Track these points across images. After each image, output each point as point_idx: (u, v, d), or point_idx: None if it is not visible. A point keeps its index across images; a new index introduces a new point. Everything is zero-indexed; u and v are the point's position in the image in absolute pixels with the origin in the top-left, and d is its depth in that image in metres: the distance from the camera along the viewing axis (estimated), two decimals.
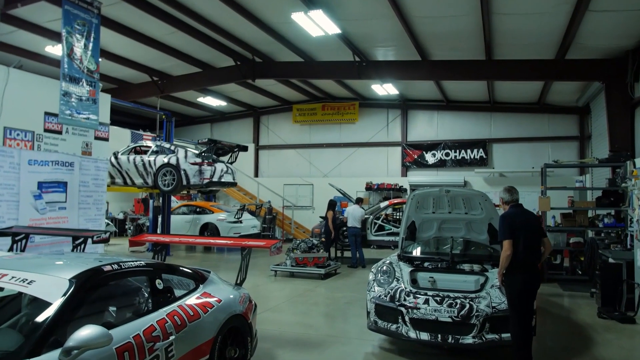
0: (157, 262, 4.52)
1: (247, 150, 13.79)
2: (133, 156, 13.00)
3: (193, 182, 12.18)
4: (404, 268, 6.32)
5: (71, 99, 8.39)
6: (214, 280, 5.11)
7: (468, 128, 19.31)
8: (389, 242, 13.86)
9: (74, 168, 10.67)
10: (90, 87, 8.82)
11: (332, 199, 13.60)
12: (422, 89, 17.94)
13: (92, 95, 8.87)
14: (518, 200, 5.31)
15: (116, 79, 16.50)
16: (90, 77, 8.83)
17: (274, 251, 5.52)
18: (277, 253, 5.64)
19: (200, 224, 16.26)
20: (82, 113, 8.68)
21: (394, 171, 20.21)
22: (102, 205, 11.34)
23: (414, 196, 6.49)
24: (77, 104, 8.51)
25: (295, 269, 11.39)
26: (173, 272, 4.63)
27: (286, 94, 20.14)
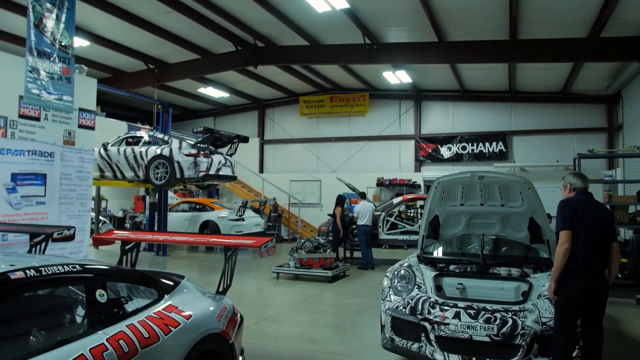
0: (100, 267, 3.45)
1: (247, 141, 12.69)
2: (124, 147, 11.97)
3: (188, 175, 11.11)
4: (426, 272, 5.18)
5: (40, 76, 7.34)
6: (186, 288, 4.00)
7: (486, 120, 18.06)
8: (402, 242, 12.68)
9: (55, 159, 9.64)
10: (63, 64, 7.77)
11: (340, 194, 12.46)
12: (437, 77, 16.73)
13: (65, 73, 7.82)
14: (588, 189, 4.17)
15: (110, 67, 15.51)
16: (64, 52, 7.77)
17: (265, 252, 4.41)
18: (269, 254, 4.52)
19: (200, 222, 15.20)
20: (54, 93, 7.63)
21: (406, 166, 19.01)
22: (88, 200, 10.30)
23: (438, 184, 5.33)
24: (47, 82, 7.47)
25: (299, 270, 10.27)
26: (125, 278, 3.52)
27: (292, 85, 19.03)
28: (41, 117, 9.13)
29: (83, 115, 10.78)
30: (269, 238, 4.52)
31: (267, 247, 4.44)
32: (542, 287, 4.61)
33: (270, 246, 4.54)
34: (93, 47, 13.21)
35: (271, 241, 4.55)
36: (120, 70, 15.72)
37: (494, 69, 14.88)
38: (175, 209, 16.02)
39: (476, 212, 5.51)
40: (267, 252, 4.48)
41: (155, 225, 14.20)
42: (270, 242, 4.49)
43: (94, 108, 10.62)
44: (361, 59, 13.02)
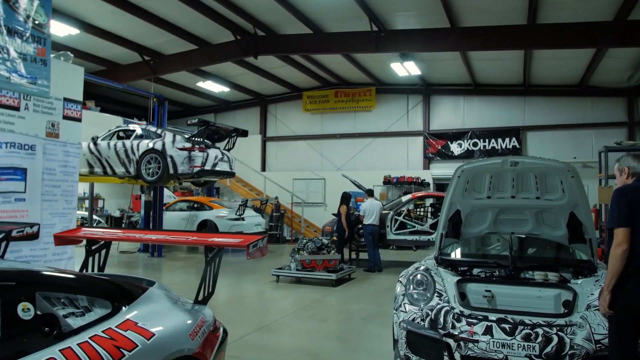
0: (30, 270, 2.70)
1: (246, 135, 11.90)
2: (114, 142, 11.22)
3: (181, 170, 10.33)
4: (447, 277, 4.38)
5: (10, 57, 6.58)
6: (153, 297, 3.21)
7: (499, 114, 17.22)
8: (411, 242, 11.87)
9: (36, 152, 8.89)
10: (38, 44, 7.00)
11: (345, 192, 11.65)
12: (448, 69, 15.90)
13: (40, 54, 7.05)
14: None
15: (103, 59, 14.79)
16: (39, 31, 7.00)
17: (255, 252, 3.62)
18: (260, 255, 3.73)
19: (198, 222, 14.45)
20: (26, 76, 6.85)
21: (414, 163, 18.19)
22: (74, 197, 9.55)
23: (462, 172, 4.50)
24: (18, 63, 6.69)
25: (301, 273, 9.48)
26: (64, 287, 2.73)
27: (295, 79, 18.26)
28: (21, 106, 8.36)
29: (68, 105, 10.01)
30: (259, 236, 3.73)
31: (256, 247, 3.65)
32: (590, 296, 3.80)
33: (261, 246, 3.75)
34: (83, 35, 12.48)
35: (262, 240, 3.75)
36: (114, 63, 15.00)
37: (508, 59, 14.04)
38: (173, 208, 15.30)
39: (506, 206, 4.68)
40: (258, 252, 3.69)
41: (150, 224, 13.48)
42: (260, 240, 3.69)
43: (80, 98, 9.87)
44: (368, 47, 12.22)
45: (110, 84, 12.36)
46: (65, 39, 12.48)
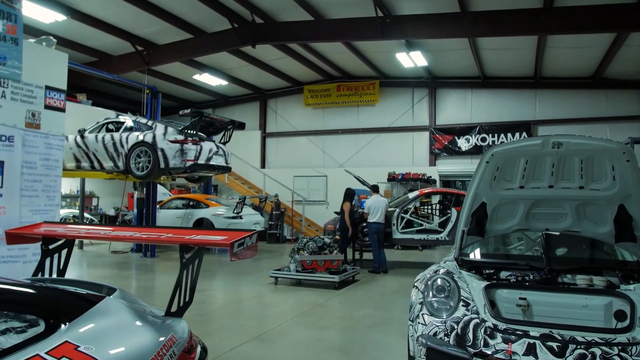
0: None
1: (244, 127, 11.23)
2: (102, 134, 10.54)
3: (173, 164, 9.65)
4: (472, 282, 3.68)
5: None
6: (108, 310, 2.50)
7: (508, 108, 16.49)
8: (418, 242, 11.16)
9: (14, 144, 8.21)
10: (8, 20, 6.31)
11: (349, 188, 10.94)
12: (455, 61, 15.18)
13: (11, 32, 6.35)
14: None
15: (94, 50, 14.11)
16: (9, 6, 6.32)
17: (240, 253, 2.93)
18: (248, 256, 3.04)
19: (194, 220, 13.77)
20: None
21: (420, 160, 17.47)
22: (56, 193, 8.88)
23: (491, 157, 3.76)
24: None
25: (301, 275, 8.77)
26: None
27: (296, 72, 17.56)
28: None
29: (51, 94, 9.33)
30: (245, 233, 3.03)
31: (243, 246, 2.96)
32: None
33: (249, 244, 3.05)
34: (71, 23, 11.78)
35: (250, 237, 3.05)
36: (105, 54, 14.32)
37: (520, 48, 13.33)
38: (168, 205, 14.63)
39: (541, 197, 3.95)
40: (245, 252, 3.00)
41: (143, 223, 12.80)
42: (248, 238, 3.00)
43: (64, 87, 9.20)
44: (372, 33, 11.49)
45: (99, 74, 11.70)
46: (51, 27, 11.77)
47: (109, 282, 8.23)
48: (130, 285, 8.81)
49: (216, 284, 9.11)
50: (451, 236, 10.58)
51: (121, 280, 9.38)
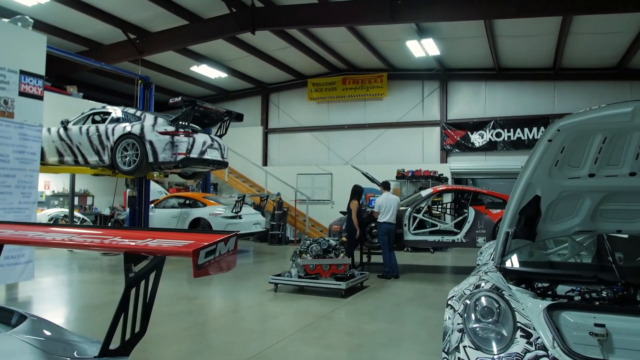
0: None
1: (241, 119, 10.33)
2: (87, 126, 9.65)
3: (162, 158, 8.75)
4: (525, 300, 2.77)
5: None
6: None
7: (525, 102, 15.50)
8: (432, 244, 10.19)
9: None
10: None
11: (357, 185, 10.00)
12: (469, 50, 14.22)
13: None
14: None
15: (84, 39, 13.26)
16: None
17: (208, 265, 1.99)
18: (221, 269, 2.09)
19: (190, 220, 12.86)
20: None
21: (431, 156, 16.51)
22: (33, 189, 8.07)
23: (558, 132, 2.78)
24: None
25: (303, 281, 7.85)
26: None
27: (299, 64, 16.65)
28: None
29: (26, 80, 8.55)
30: (219, 236, 2.09)
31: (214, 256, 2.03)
32: None
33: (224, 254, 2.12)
34: (55, 6, 10.90)
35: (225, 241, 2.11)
36: (96, 42, 13.46)
37: (540, 35, 12.35)
38: (164, 204, 13.74)
39: (617, 188, 3.01)
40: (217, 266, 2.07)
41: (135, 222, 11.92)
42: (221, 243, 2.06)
43: (42, 72, 8.35)
44: (381, 16, 10.54)
45: (86, 61, 10.85)
46: (34, 10, 10.88)
47: (86, 288, 7.06)
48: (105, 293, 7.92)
49: (208, 291, 8.20)
50: (468, 238, 9.63)
51: (98, 285, 8.49)
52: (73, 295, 7.89)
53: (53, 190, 16.76)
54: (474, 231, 9.62)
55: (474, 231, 9.62)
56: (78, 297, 7.77)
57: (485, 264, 3.57)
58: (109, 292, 7.83)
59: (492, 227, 9.48)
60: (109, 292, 7.89)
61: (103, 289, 8.25)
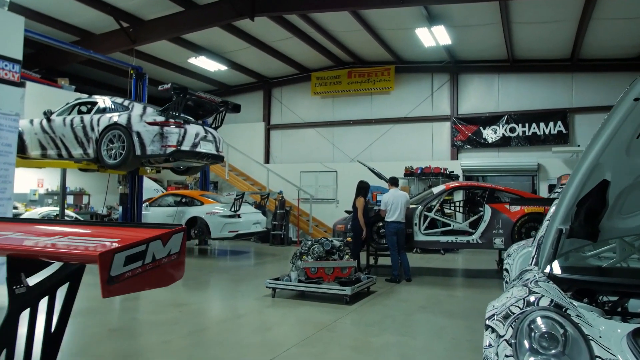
0: None
1: (239, 110, 9.59)
2: (71, 117, 8.94)
3: (151, 151, 8.02)
4: (596, 322, 1.98)
5: None
6: None
7: (541, 95, 14.68)
8: (445, 245, 9.40)
9: None
10: None
11: (363, 181, 9.23)
12: (482, 40, 13.43)
13: None
14: None
15: (76, 28, 12.58)
16: None
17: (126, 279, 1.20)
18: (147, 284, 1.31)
19: (186, 219, 12.12)
20: None
21: (441, 153, 15.71)
22: (9, 184, 7.38)
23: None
24: None
25: (304, 285, 7.09)
26: None
27: (303, 57, 15.91)
28: None
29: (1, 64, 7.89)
30: (154, 232, 1.30)
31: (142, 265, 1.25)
32: None
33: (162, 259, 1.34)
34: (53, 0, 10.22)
35: (164, 239, 1.33)
36: (87, 32, 12.78)
37: (560, 21, 11.55)
38: (159, 203, 13.02)
39: None
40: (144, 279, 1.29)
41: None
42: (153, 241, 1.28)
43: (19, 56, 7.67)
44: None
45: (75, 49, 10.14)
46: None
47: (82, 287, 5.93)
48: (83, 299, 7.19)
49: (201, 295, 7.45)
50: (484, 238, 8.84)
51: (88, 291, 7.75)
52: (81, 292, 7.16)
53: (47, 188, 16.06)
54: (490, 231, 8.83)
55: (491, 231, 8.82)
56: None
57: (528, 270, 2.79)
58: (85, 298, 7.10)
59: (510, 226, 8.68)
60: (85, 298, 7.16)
61: None
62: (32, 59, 13.99)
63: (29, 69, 13.20)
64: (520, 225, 8.69)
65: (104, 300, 7.02)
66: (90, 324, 5.75)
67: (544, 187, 14.03)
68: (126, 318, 5.88)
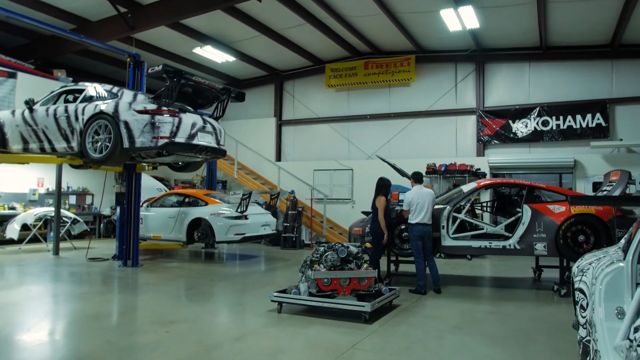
0: None
1: (243, 99, 8.55)
2: (55, 106, 7.98)
3: (141, 143, 7.02)
4: None
5: None
6: None
7: (577, 85, 13.38)
8: (478, 251, 8.19)
9: None
10: None
11: (383, 178, 8.09)
12: (512, 23, 12.21)
13: None
14: None
15: (71, 14, 11.71)
16: None
17: None
18: None
19: (188, 220, 11.13)
20: None
21: (465, 149, 14.50)
22: None
23: None
24: None
25: (315, 300, 6.01)
26: None
27: (316, 47, 14.86)
28: None
29: None
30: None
31: None
32: None
33: None
34: None
35: None
36: (83, 19, 11.88)
37: (598, 4, 10.29)
38: (161, 203, 12.06)
39: None
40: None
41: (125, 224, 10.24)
42: None
43: None
44: None
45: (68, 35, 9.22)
46: None
47: (57, 301, 4.75)
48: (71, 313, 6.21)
49: (195, 310, 6.41)
50: (524, 244, 7.65)
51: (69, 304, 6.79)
52: (60, 307, 6.18)
53: (47, 188, 15.24)
54: (530, 235, 7.63)
55: (531, 235, 7.63)
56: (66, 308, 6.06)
57: None
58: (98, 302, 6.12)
59: (554, 230, 7.49)
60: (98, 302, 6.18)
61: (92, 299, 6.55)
62: (26, 50, 13.19)
63: (24, 60, 12.38)
64: (565, 229, 7.49)
65: (82, 316, 6.03)
66: (59, 347, 4.76)
67: (582, 186, 12.74)
68: (99, 341, 4.86)
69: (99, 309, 6.35)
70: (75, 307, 6.49)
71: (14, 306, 6.39)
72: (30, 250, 12.42)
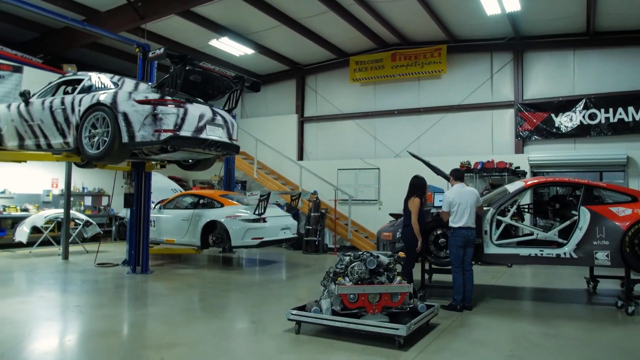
0: None
1: (258, 89, 7.67)
2: (52, 98, 7.24)
3: (141, 137, 6.19)
4: None
5: None
6: None
7: (629, 73, 12.09)
8: (526, 260, 7.08)
9: None
10: None
11: (418, 176, 7.08)
12: (555, 9, 11.07)
13: None
14: None
15: (80, 5, 11.04)
16: None
17: None
18: None
19: (203, 223, 10.32)
20: None
21: (502, 145, 13.34)
22: None
23: None
24: None
25: (339, 319, 5.06)
26: None
27: (340, 38, 13.94)
28: None
29: None
30: None
31: None
32: None
33: None
34: None
35: None
36: (93, 10, 11.21)
37: None
38: (175, 204, 11.32)
39: None
40: None
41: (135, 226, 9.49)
42: None
43: None
44: None
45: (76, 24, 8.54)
46: None
47: (45, 316, 3.61)
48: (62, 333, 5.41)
49: (199, 330, 5.53)
50: (582, 252, 6.56)
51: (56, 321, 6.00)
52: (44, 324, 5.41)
53: (62, 189, 14.68)
54: (590, 242, 6.53)
55: (591, 242, 6.53)
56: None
57: None
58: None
59: (619, 236, 6.37)
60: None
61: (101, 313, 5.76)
62: (37, 44, 12.64)
63: (34, 55, 11.83)
64: (633, 235, 6.37)
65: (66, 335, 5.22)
66: None
67: (635, 185, 11.45)
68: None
69: (89, 327, 5.53)
70: (63, 325, 5.69)
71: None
72: (41, 254, 11.84)
